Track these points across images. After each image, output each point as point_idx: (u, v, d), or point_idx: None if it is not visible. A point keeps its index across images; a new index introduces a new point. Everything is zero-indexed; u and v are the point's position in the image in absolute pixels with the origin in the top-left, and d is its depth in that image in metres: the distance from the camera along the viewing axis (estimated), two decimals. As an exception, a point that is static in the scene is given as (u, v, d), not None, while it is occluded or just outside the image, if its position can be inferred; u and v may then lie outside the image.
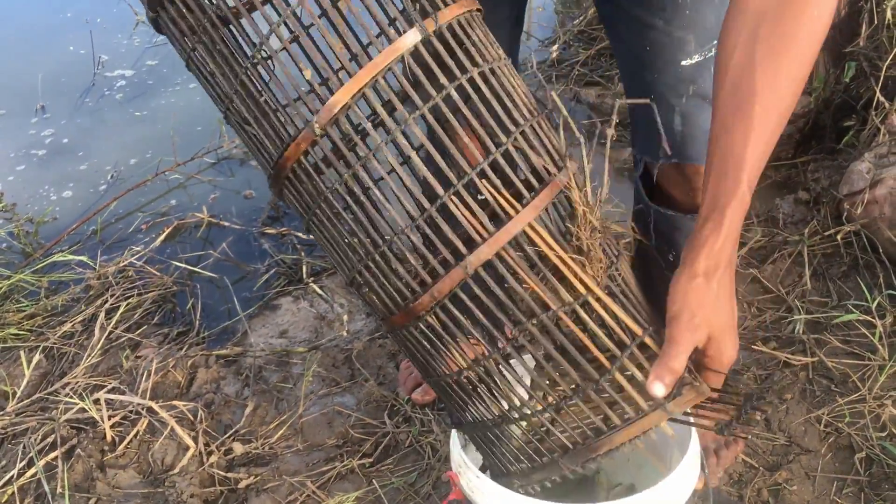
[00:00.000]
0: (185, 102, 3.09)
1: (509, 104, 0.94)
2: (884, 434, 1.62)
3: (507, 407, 1.01)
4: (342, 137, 0.94)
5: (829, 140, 2.42)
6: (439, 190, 0.91)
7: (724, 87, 0.94)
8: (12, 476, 1.64)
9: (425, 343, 1.00)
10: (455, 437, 1.21)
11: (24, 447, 1.69)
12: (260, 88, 0.96)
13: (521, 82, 1.00)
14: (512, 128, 0.93)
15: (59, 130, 2.99)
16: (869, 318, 1.81)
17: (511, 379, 0.98)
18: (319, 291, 2.12)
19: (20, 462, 1.66)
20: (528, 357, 0.96)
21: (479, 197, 0.93)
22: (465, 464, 1.16)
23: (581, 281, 0.91)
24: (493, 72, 0.96)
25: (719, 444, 1.58)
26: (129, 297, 2.12)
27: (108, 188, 2.64)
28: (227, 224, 2.42)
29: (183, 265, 2.24)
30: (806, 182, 2.31)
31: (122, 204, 2.53)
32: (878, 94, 2.10)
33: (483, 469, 1.19)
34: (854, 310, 1.84)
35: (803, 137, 2.49)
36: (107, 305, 2.08)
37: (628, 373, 0.93)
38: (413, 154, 0.96)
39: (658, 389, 0.89)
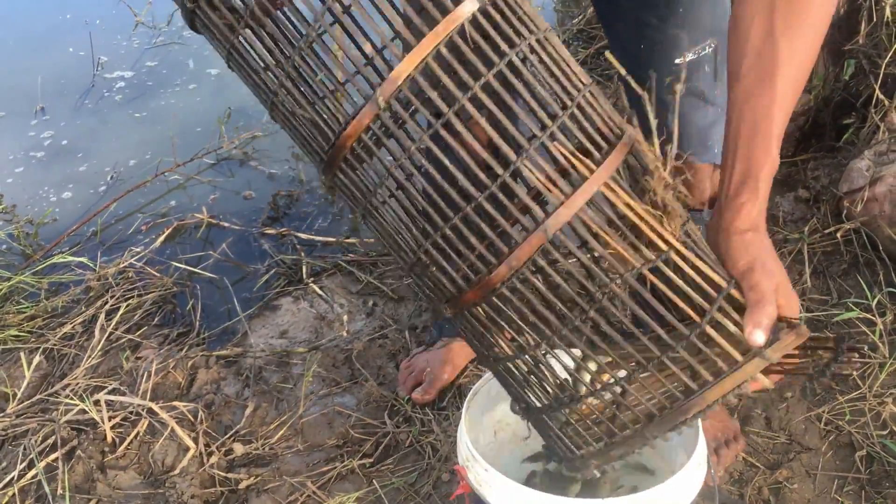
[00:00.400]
0: (184, 103, 3.09)
1: (568, 70, 0.93)
2: (884, 432, 1.62)
3: (580, 382, 0.98)
4: (406, 108, 0.90)
5: (828, 138, 2.42)
6: (511, 155, 0.87)
7: (746, 57, 0.96)
8: (13, 477, 1.64)
9: (497, 320, 0.95)
10: (462, 431, 1.21)
11: (24, 448, 1.69)
12: (315, 68, 0.93)
13: (566, 52, 1.00)
14: (574, 92, 0.92)
15: (59, 132, 2.99)
16: (869, 315, 1.81)
17: (585, 351, 0.94)
18: (319, 292, 2.12)
19: (21, 463, 1.66)
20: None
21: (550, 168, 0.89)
22: (472, 457, 1.16)
23: (661, 237, 0.90)
24: (547, 39, 0.94)
25: (720, 442, 1.58)
26: (129, 299, 2.12)
27: (108, 189, 2.64)
28: (226, 225, 2.42)
29: (183, 266, 2.24)
30: (806, 180, 2.30)
31: (121, 205, 2.53)
32: (877, 91, 2.10)
33: (546, 457, 1.15)
34: (854, 308, 1.84)
35: (803, 135, 2.49)
36: (107, 307, 2.08)
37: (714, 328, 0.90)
38: (481, 119, 0.90)
39: (758, 337, 0.87)
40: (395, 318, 2.03)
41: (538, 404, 1.03)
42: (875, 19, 2.19)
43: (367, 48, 0.93)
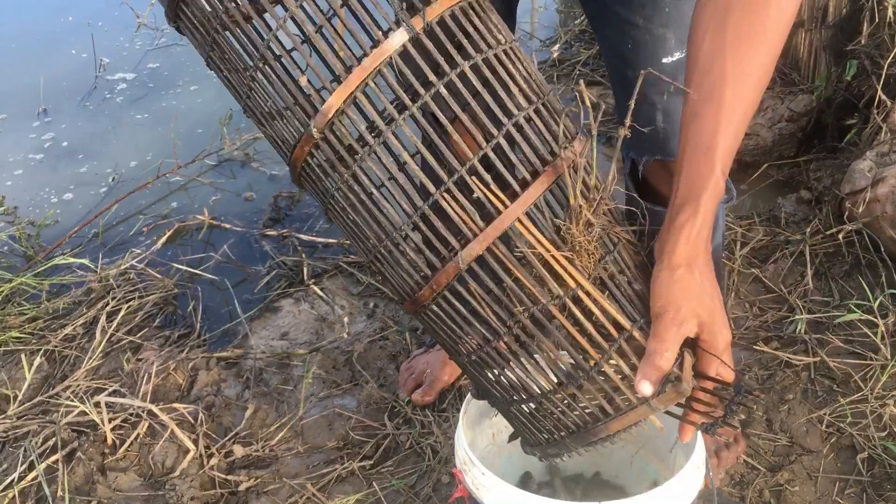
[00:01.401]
0: (186, 105, 3.09)
1: (503, 95, 0.94)
2: (886, 434, 1.61)
3: (514, 388, 1.04)
4: (340, 142, 0.96)
5: (831, 139, 2.42)
6: (432, 188, 0.93)
7: (694, 74, 0.95)
8: (13, 479, 1.64)
9: (437, 326, 1.04)
10: (460, 434, 1.21)
11: (24, 450, 1.69)
12: (266, 93, 0.98)
13: (524, 66, 1.00)
14: (504, 120, 0.94)
15: (61, 133, 2.99)
16: (871, 317, 1.80)
17: (520, 365, 1.01)
18: (320, 293, 2.12)
19: (21, 465, 1.66)
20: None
21: (474, 196, 0.93)
22: (470, 460, 1.16)
23: (570, 274, 0.92)
24: (487, 61, 0.95)
25: (720, 444, 1.58)
26: (130, 300, 2.12)
27: (110, 191, 2.64)
28: (228, 226, 2.42)
29: (184, 268, 2.24)
30: (808, 181, 2.30)
31: (123, 206, 2.53)
32: (879, 92, 2.10)
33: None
34: (856, 309, 1.83)
35: (805, 136, 2.49)
36: (108, 308, 2.08)
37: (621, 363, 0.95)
38: (407, 157, 0.97)
39: (645, 388, 0.90)
40: (395, 320, 2.02)
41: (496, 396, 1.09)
42: (877, 20, 2.18)
43: (303, 81, 0.94)
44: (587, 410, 0.99)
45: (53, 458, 1.67)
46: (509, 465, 1.43)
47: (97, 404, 1.75)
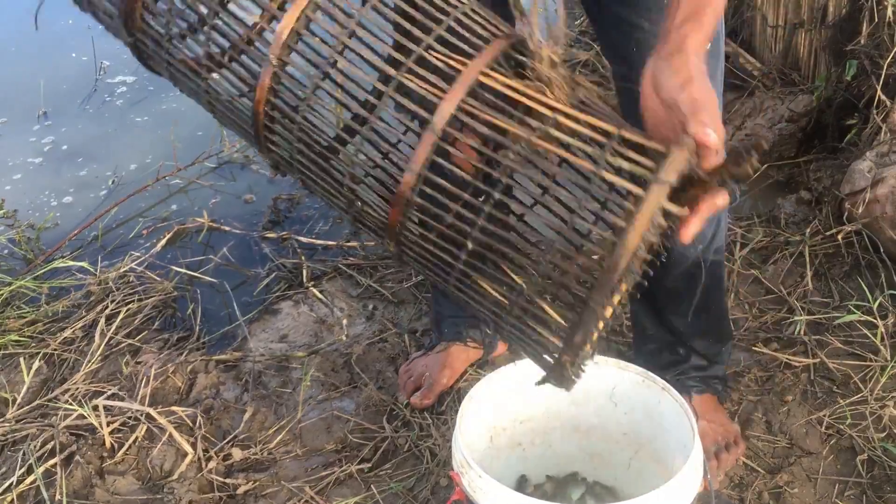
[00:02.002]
0: (185, 108, 3.09)
1: None
2: (885, 436, 1.61)
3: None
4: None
5: (831, 139, 2.41)
6: (392, 71, 0.94)
7: None
8: (12, 483, 1.64)
9: (429, 236, 0.98)
10: (458, 437, 1.20)
11: (23, 454, 1.69)
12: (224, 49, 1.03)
13: None
14: (451, 9, 0.96)
15: (61, 136, 2.99)
16: (870, 318, 1.80)
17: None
18: (319, 296, 2.12)
19: (19, 469, 1.66)
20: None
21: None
22: (467, 463, 1.16)
23: (545, 105, 0.91)
24: None
25: (720, 446, 1.57)
26: (129, 303, 2.12)
27: (110, 194, 2.64)
28: (227, 229, 2.42)
29: (183, 270, 2.24)
30: (808, 181, 2.30)
31: (122, 209, 2.53)
32: (879, 92, 2.10)
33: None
34: (855, 310, 1.83)
35: (805, 136, 2.48)
36: (107, 311, 2.08)
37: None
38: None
39: (709, 136, 0.86)
40: (394, 322, 2.02)
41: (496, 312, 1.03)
42: (877, 20, 2.18)
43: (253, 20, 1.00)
44: (598, 238, 0.91)
45: (52, 461, 1.67)
46: (506, 467, 1.43)
47: (95, 408, 1.75)
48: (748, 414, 1.69)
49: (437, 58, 0.93)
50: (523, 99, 0.92)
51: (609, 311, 0.95)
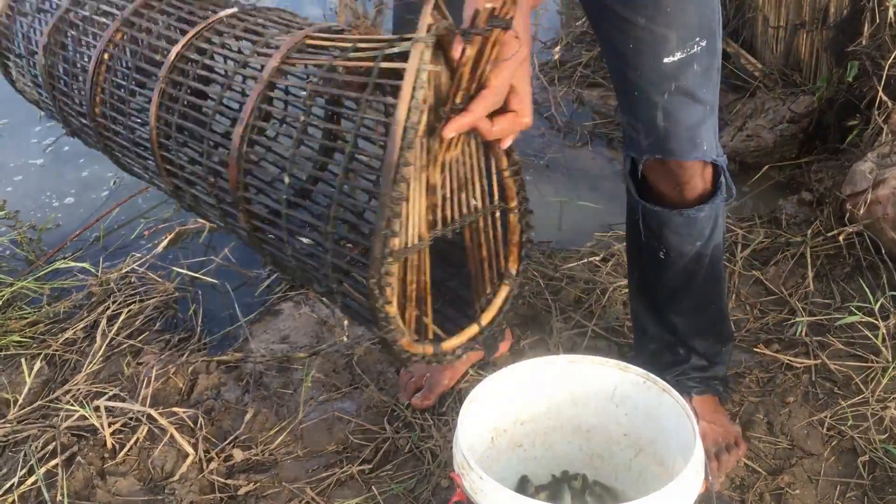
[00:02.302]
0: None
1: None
2: (887, 437, 1.61)
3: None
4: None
5: (832, 140, 2.41)
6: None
7: None
8: (13, 484, 1.64)
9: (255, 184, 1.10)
10: (459, 438, 1.20)
11: (24, 455, 1.69)
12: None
13: None
14: None
15: (62, 138, 2.99)
16: (872, 319, 1.80)
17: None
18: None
19: (21, 470, 1.66)
20: None
21: None
22: (468, 464, 1.16)
23: (344, 40, 1.04)
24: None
25: (720, 447, 1.57)
26: (130, 304, 2.12)
27: (111, 195, 2.64)
28: (228, 230, 2.42)
29: (185, 271, 2.24)
30: (809, 182, 2.30)
31: (124, 210, 2.53)
32: (880, 93, 2.10)
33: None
34: (857, 311, 1.83)
35: (807, 137, 2.48)
36: (108, 312, 2.08)
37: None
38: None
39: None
40: (395, 323, 2.02)
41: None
42: (878, 20, 2.18)
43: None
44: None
45: (53, 462, 1.67)
46: (507, 468, 1.43)
47: (97, 409, 1.75)
48: (749, 415, 1.69)
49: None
50: (329, 43, 1.05)
51: (403, 211, 0.94)
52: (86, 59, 1.31)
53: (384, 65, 0.94)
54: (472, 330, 1.14)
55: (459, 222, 1.07)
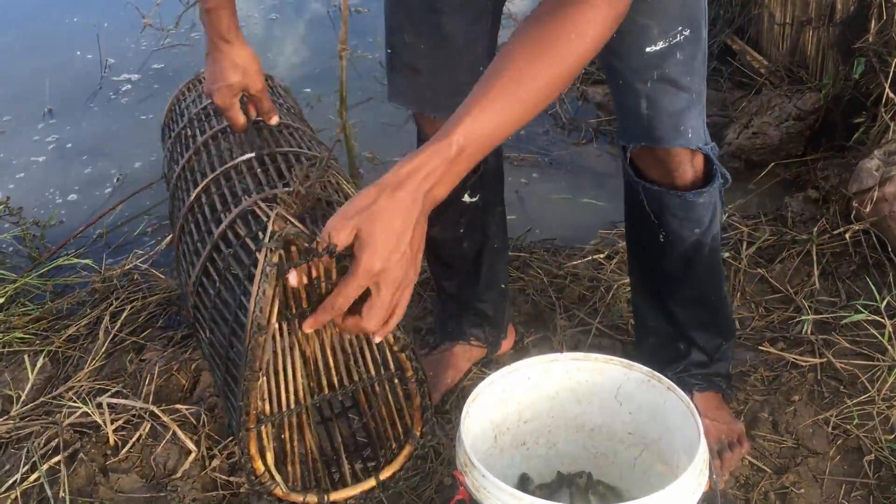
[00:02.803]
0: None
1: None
2: (893, 437, 1.60)
3: None
4: None
5: (839, 137, 2.41)
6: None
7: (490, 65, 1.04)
8: (15, 480, 1.64)
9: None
10: (461, 437, 1.20)
11: (27, 451, 1.69)
12: None
13: None
14: None
15: (66, 134, 3.01)
16: (878, 318, 1.80)
17: None
18: (323, 294, 2.12)
19: (23, 466, 1.66)
20: None
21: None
22: (471, 462, 1.15)
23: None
24: None
25: (723, 445, 1.57)
26: (133, 301, 2.12)
27: (115, 191, 2.65)
28: (231, 226, 2.42)
29: (188, 268, 2.24)
30: (815, 180, 2.29)
31: (127, 207, 2.54)
32: (887, 90, 2.10)
33: None
34: (863, 310, 1.83)
35: (813, 134, 2.48)
36: (111, 309, 2.08)
37: None
38: None
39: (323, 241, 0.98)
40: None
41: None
42: (885, 17, 2.18)
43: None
44: None
45: (55, 459, 1.67)
46: (511, 467, 1.43)
47: (100, 405, 1.75)
48: (754, 413, 1.69)
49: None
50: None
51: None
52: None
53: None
54: (369, 483, 1.30)
55: (350, 388, 1.23)
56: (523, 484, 1.42)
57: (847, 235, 2.03)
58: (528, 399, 1.39)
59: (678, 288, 1.58)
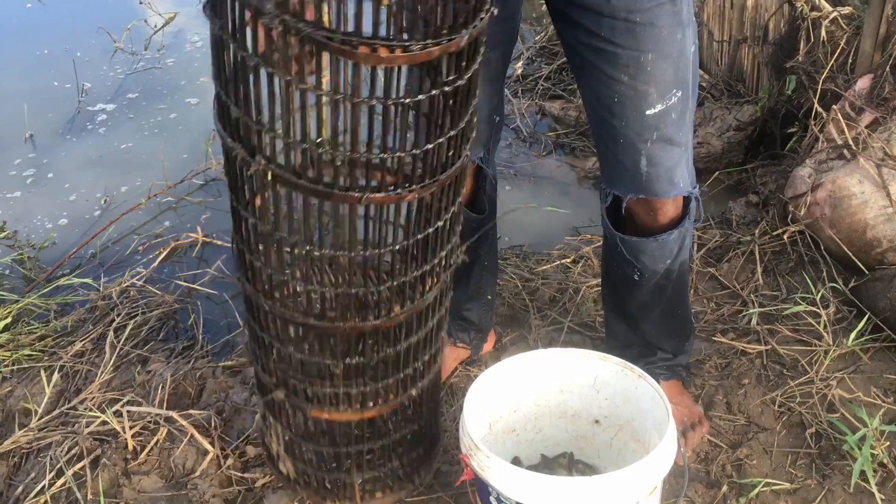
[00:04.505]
0: (169, 130, 3.20)
1: None
2: (831, 413, 1.82)
3: None
4: None
5: (775, 146, 2.63)
6: None
7: None
8: (44, 486, 1.76)
9: None
10: (465, 423, 1.38)
11: (51, 459, 1.82)
12: None
13: None
14: None
15: (47, 161, 3.08)
16: (814, 308, 2.02)
17: None
18: (314, 304, 2.27)
19: (49, 473, 1.78)
20: None
21: None
22: (475, 446, 1.33)
23: None
24: None
25: (686, 426, 1.76)
26: (134, 316, 2.25)
27: (103, 214, 2.75)
28: (220, 243, 2.55)
29: (183, 283, 2.37)
30: (755, 186, 2.51)
31: (117, 228, 2.65)
32: (816, 105, 2.30)
33: None
34: (801, 302, 2.05)
35: (752, 143, 2.70)
36: (114, 324, 2.21)
37: None
38: None
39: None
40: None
41: None
42: (812, 39, 2.39)
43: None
44: None
45: (79, 465, 1.80)
46: (504, 452, 1.61)
47: (117, 413, 1.88)
48: (710, 397, 1.89)
49: None
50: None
51: None
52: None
53: None
54: None
55: None
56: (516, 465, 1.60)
57: (785, 236, 2.24)
58: (517, 391, 1.58)
59: (650, 310, 1.71)
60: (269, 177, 1.14)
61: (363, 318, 1.28)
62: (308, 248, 1.20)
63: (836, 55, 2.33)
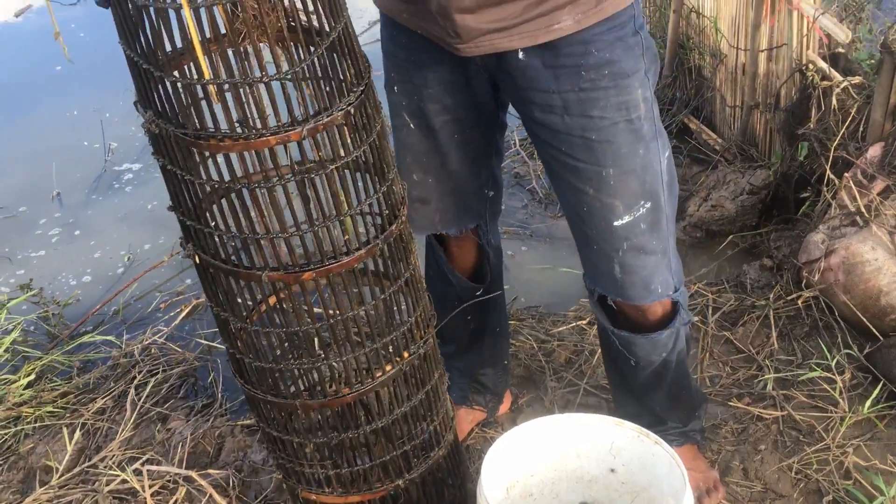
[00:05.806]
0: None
1: None
2: (847, 480, 1.82)
3: None
4: None
5: (788, 210, 2.65)
6: None
7: None
8: (64, 544, 1.79)
9: None
10: (482, 490, 1.39)
11: (71, 517, 1.84)
12: None
13: None
14: None
15: (74, 219, 3.16)
16: (830, 374, 2.03)
17: None
18: (332, 363, 2.30)
19: (69, 531, 1.81)
20: None
21: None
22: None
23: None
24: None
25: (701, 492, 1.77)
26: (154, 373, 2.28)
27: (126, 271, 2.81)
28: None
29: (203, 341, 2.41)
30: (769, 250, 2.53)
31: (139, 286, 2.70)
32: (828, 172, 2.33)
33: None
34: (816, 367, 2.05)
35: (765, 207, 2.73)
36: (136, 381, 2.24)
37: None
38: None
39: None
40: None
41: None
42: (823, 107, 2.44)
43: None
44: None
45: (99, 523, 1.82)
46: (520, 515, 1.62)
47: (137, 472, 1.91)
48: (727, 462, 1.90)
49: None
50: None
51: None
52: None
53: None
54: None
55: None
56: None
57: (800, 301, 2.25)
58: (534, 456, 1.59)
59: (652, 393, 1.74)
60: (198, 259, 1.30)
61: (312, 395, 1.36)
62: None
63: (847, 123, 2.36)
